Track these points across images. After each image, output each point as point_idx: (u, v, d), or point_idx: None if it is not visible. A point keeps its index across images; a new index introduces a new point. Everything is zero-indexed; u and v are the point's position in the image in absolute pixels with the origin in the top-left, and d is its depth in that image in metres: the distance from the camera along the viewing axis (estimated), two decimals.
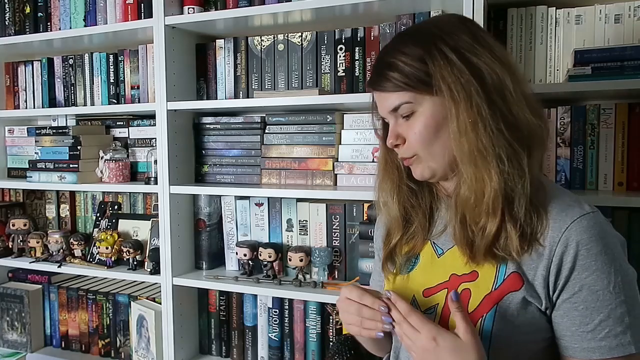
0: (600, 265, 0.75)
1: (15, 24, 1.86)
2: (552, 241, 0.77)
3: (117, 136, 1.87)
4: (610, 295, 0.75)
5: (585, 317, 0.76)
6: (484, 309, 0.79)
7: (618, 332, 0.75)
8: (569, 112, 1.30)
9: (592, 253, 0.75)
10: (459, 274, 0.84)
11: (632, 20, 1.25)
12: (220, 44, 1.64)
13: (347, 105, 1.50)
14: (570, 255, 0.76)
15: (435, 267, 0.88)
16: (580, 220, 0.76)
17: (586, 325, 0.76)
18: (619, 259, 0.77)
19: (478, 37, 0.81)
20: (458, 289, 0.83)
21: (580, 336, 0.77)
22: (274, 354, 1.62)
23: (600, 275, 0.75)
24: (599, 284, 0.75)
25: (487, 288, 0.80)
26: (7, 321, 1.97)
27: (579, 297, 0.76)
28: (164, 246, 1.62)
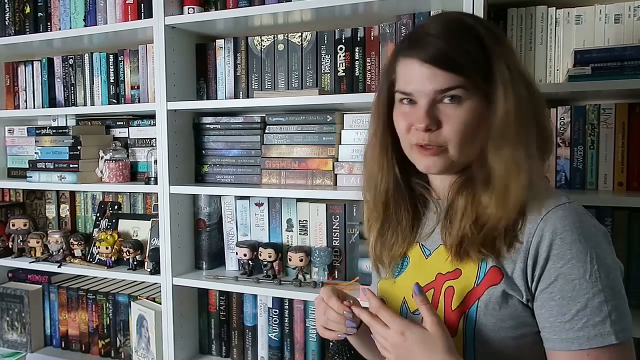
0: (576, 254, 0.74)
1: (15, 24, 1.86)
2: (528, 233, 0.78)
3: (117, 136, 1.87)
4: (586, 284, 0.74)
5: (562, 307, 0.75)
6: (467, 305, 0.81)
7: (597, 322, 0.73)
8: (569, 112, 1.30)
9: (566, 242, 0.75)
10: (444, 272, 0.85)
11: (632, 20, 1.25)
12: (220, 44, 1.64)
13: (347, 105, 1.50)
14: (545, 245, 0.76)
15: (423, 268, 0.89)
16: (555, 210, 0.77)
17: (563, 315, 0.75)
18: (596, 248, 0.76)
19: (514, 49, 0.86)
20: (442, 287, 0.84)
21: (559, 327, 0.75)
22: (274, 354, 1.62)
23: (575, 264, 0.74)
24: (575, 272, 0.74)
25: (470, 284, 0.81)
26: (7, 321, 1.97)
27: (555, 286, 0.75)
28: (164, 246, 1.62)
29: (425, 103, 0.80)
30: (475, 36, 0.80)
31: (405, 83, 0.82)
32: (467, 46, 0.79)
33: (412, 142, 0.83)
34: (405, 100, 0.83)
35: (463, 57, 0.78)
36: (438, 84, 0.78)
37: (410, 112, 0.82)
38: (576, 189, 1.30)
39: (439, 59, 0.78)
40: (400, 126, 0.85)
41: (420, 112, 0.80)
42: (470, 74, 0.78)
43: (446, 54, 0.78)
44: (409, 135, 0.83)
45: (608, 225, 1.26)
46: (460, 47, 0.78)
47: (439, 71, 0.78)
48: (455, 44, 0.79)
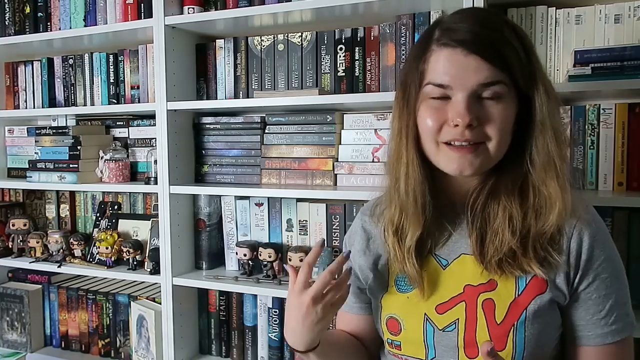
0: (607, 254, 0.79)
1: (15, 24, 1.86)
2: (567, 238, 0.79)
3: (117, 136, 1.87)
4: (615, 280, 0.79)
5: (599, 305, 0.79)
6: (513, 317, 0.78)
7: (622, 314, 0.80)
8: (569, 112, 1.30)
9: (600, 243, 0.79)
10: (475, 284, 0.81)
11: (632, 20, 1.25)
12: (220, 44, 1.64)
13: (347, 105, 1.50)
14: (585, 248, 0.78)
15: (444, 281, 0.84)
16: (585, 213, 0.80)
17: (599, 312, 0.79)
18: (613, 244, 0.82)
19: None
20: (478, 300, 0.80)
21: (595, 324, 0.79)
22: (274, 354, 1.61)
23: (607, 263, 0.79)
24: (607, 271, 0.79)
25: (511, 295, 0.79)
26: (7, 321, 1.97)
27: (592, 286, 0.79)
28: (164, 246, 1.62)
29: (465, 97, 0.74)
30: (514, 32, 0.77)
31: (443, 74, 0.75)
32: (512, 41, 0.75)
33: (442, 140, 0.77)
34: (436, 94, 0.76)
35: (510, 51, 0.74)
36: (483, 77, 0.73)
37: (443, 107, 0.76)
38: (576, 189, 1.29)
39: (487, 49, 0.73)
40: (429, 123, 0.77)
41: (460, 106, 0.74)
42: (514, 70, 0.74)
43: (494, 46, 0.73)
44: (440, 134, 0.77)
45: (608, 225, 1.25)
46: (507, 41, 0.75)
47: (484, 63, 0.73)
48: (502, 37, 0.75)
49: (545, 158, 0.77)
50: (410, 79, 0.80)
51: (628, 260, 1.25)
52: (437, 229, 0.85)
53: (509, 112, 0.76)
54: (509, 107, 0.76)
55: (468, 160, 0.76)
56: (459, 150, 0.76)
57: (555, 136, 0.77)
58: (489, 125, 0.75)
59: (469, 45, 0.73)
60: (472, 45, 0.73)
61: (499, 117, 0.75)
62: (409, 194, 0.82)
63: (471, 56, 0.73)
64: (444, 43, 0.75)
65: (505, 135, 0.76)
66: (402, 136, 0.82)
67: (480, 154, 0.76)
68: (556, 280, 0.78)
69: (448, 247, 0.85)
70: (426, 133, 0.78)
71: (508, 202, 0.78)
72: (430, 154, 0.80)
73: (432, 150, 0.79)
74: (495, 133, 0.75)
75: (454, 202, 0.86)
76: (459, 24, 0.76)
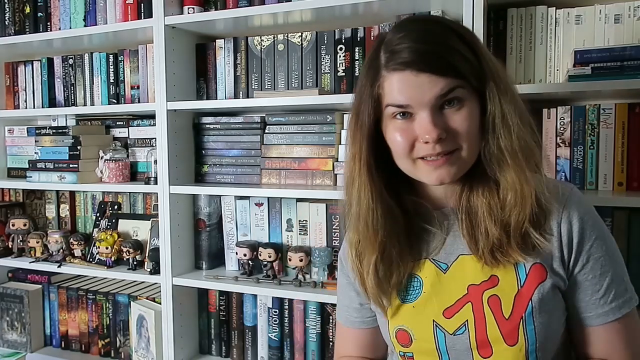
0: (598, 233, 0.81)
1: (15, 24, 1.86)
2: (556, 222, 0.80)
3: (117, 136, 1.87)
4: (609, 259, 0.81)
5: (595, 285, 0.80)
6: (520, 309, 0.79)
7: (621, 291, 0.81)
8: (568, 112, 1.30)
9: (589, 224, 0.81)
10: (477, 282, 0.81)
11: (632, 20, 1.25)
12: (220, 44, 1.64)
13: (347, 105, 1.48)
14: (575, 230, 0.80)
15: (446, 284, 0.84)
16: (571, 196, 0.82)
17: (597, 292, 0.80)
18: (603, 223, 0.84)
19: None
20: (483, 298, 0.80)
21: (595, 304, 0.81)
22: (274, 354, 1.62)
23: (599, 243, 0.81)
24: (600, 251, 0.80)
25: (513, 288, 0.80)
26: (7, 321, 1.97)
27: (587, 267, 0.80)
28: (164, 246, 1.62)
29: (428, 113, 0.75)
30: (458, 35, 0.77)
31: (399, 96, 0.76)
32: (456, 46, 0.76)
33: (417, 156, 0.78)
34: (399, 115, 0.77)
35: (458, 58, 0.75)
36: (438, 89, 0.74)
37: (409, 126, 0.77)
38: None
39: (435, 65, 0.74)
40: (399, 144, 0.78)
41: (426, 122, 0.75)
42: (465, 73, 0.75)
43: (442, 58, 0.74)
44: (413, 151, 0.78)
45: (608, 225, 1.25)
46: (453, 49, 0.75)
47: (436, 77, 0.74)
48: (445, 46, 0.76)
49: (497, 151, 0.78)
50: (364, 105, 0.81)
51: (628, 260, 1.25)
52: (429, 235, 0.86)
53: (473, 113, 0.77)
54: (472, 109, 0.77)
55: (445, 170, 0.78)
56: (435, 163, 0.77)
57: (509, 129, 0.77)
58: (458, 132, 0.76)
59: (417, 65, 0.74)
60: (420, 64, 0.74)
61: (465, 123, 0.76)
62: (360, 218, 0.84)
63: (422, 75, 0.74)
64: (392, 68, 0.76)
65: (475, 137, 0.78)
66: (356, 162, 0.83)
67: (455, 161, 0.78)
68: (553, 265, 0.80)
69: (445, 250, 0.85)
70: (399, 153, 0.80)
71: (485, 192, 0.81)
72: (409, 171, 0.81)
73: (409, 167, 0.80)
74: (465, 139, 0.77)
75: (443, 206, 0.87)
76: (402, 44, 0.76)
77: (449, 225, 0.86)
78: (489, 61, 0.79)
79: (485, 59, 0.78)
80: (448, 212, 0.86)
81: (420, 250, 0.86)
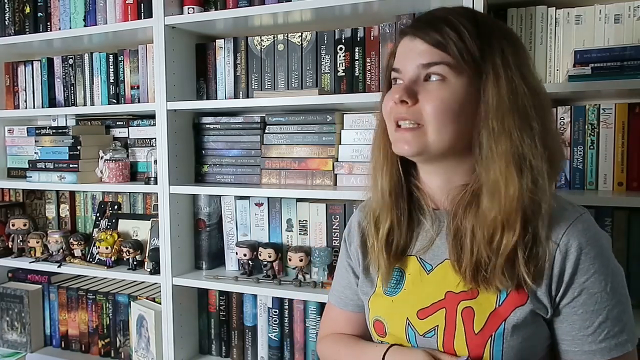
0: (598, 268, 0.75)
1: (15, 24, 1.86)
2: (551, 248, 0.75)
3: (117, 136, 1.87)
4: (607, 296, 0.75)
5: (585, 321, 0.75)
6: (491, 327, 0.77)
7: (616, 332, 0.75)
8: (568, 112, 1.30)
9: (590, 256, 0.75)
10: (456, 291, 0.80)
11: (632, 20, 1.25)
12: (220, 44, 1.64)
13: (347, 105, 1.50)
14: (571, 261, 0.75)
15: (427, 285, 0.83)
16: (576, 224, 0.76)
17: (586, 329, 0.76)
18: (612, 259, 0.77)
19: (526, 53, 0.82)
20: (458, 307, 0.79)
21: (581, 340, 0.76)
22: (274, 354, 1.62)
23: (598, 278, 0.75)
24: (597, 286, 0.75)
25: (491, 305, 0.77)
26: (7, 321, 1.97)
27: (578, 301, 0.76)
28: (164, 246, 1.62)
29: (407, 78, 0.78)
30: (474, 20, 0.77)
31: (398, 61, 0.81)
32: (461, 27, 0.76)
33: (392, 122, 0.80)
34: (394, 80, 0.82)
35: (453, 35, 0.75)
36: (424, 57, 0.77)
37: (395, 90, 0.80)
38: (576, 189, 1.30)
39: (427, 33, 0.77)
40: (385, 105, 0.81)
41: (400, 86, 0.79)
42: (457, 53, 0.75)
43: (436, 29, 0.76)
44: (390, 115, 0.80)
45: (608, 225, 1.26)
46: (453, 26, 0.76)
47: (425, 45, 0.77)
48: (450, 23, 0.77)
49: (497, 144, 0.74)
50: (387, 74, 0.86)
51: (628, 260, 1.25)
52: (420, 232, 0.86)
53: (453, 94, 0.75)
54: (454, 90, 0.75)
55: (405, 140, 0.78)
56: (401, 131, 0.79)
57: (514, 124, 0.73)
58: (426, 104, 0.76)
59: (413, 31, 0.79)
60: (416, 31, 0.78)
61: (436, 97, 0.76)
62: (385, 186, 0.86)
63: (415, 40, 0.78)
64: (402, 32, 0.82)
65: (444, 117, 0.75)
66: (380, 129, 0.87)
67: (417, 135, 0.77)
68: (537, 292, 0.76)
69: (433, 251, 0.84)
70: (385, 114, 0.83)
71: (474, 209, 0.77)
72: (391, 137, 0.83)
73: (391, 134, 0.82)
74: (431, 112, 0.76)
75: (436, 206, 0.86)
76: (420, 17, 0.83)
77: (440, 227, 0.84)
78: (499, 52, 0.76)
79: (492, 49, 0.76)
80: (441, 215, 0.85)
81: (412, 244, 0.87)
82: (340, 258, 1.02)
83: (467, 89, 0.76)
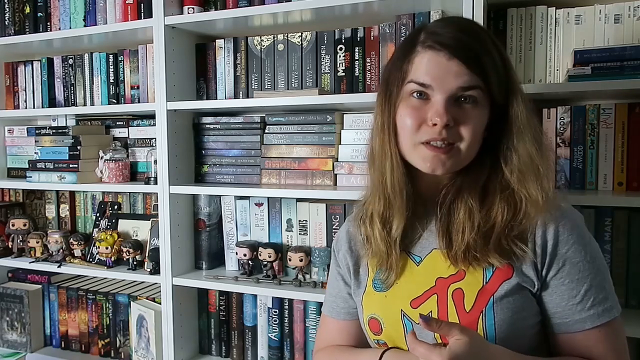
0: (576, 238, 0.80)
1: (15, 24, 1.86)
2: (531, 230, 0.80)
3: (117, 136, 1.87)
4: (588, 265, 0.80)
5: (572, 290, 0.80)
6: (481, 303, 0.80)
7: (601, 299, 0.80)
8: (568, 112, 1.30)
9: (567, 228, 0.80)
10: (445, 276, 0.84)
11: (632, 20, 1.25)
12: (220, 44, 1.64)
13: (347, 105, 1.50)
14: (551, 234, 0.79)
15: (417, 276, 0.87)
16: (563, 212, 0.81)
17: (574, 297, 0.80)
18: (586, 231, 0.83)
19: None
20: (448, 290, 0.82)
21: (571, 309, 0.80)
22: (274, 354, 1.62)
23: (577, 248, 0.80)
24: (578, 255, 0.79)
25: (479, 282, 0.81)
26: (7, 321, 1.97)
27: (563, 271, 0.80)
28: (164, 246, 1.62)
29: (444, 98, 0.78)
30: (493, 43, 0.81)
31: (425, 74, 0.79)
32: (491, 51, 0.80)
33: (419, 140, 0.80)
34: (417, 93, 0.80)
35: (489, 60, 0.79)
36: (462, 81, 0.78)
37: (422, 107, 0.80)
38: (576, 189, 1.30)
39: (468, 56, 0.78)
40: (408, 122, 0.81)
41: (440, 106, 0.78)
42: (490, 78, 0.79)
43: (475, 53, 0.78)
44: (418, 133, 0.80)
45: (608, 225, 1.26)
46: (487, 50, 0.79)
47: (465, 68, 0.77)
48: (483, 46, 0.80)
49: (527, 160, 0.80)
50: (394, 76, 0.84)
51: (628, 260, 1.25)
52: (410, 227, 0.89)
53: (482, 117, 0.81)
54: (483, 113, 0.81)
55: (441, 160, 0.80)
56: (434, 150, 0.80)
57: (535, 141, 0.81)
58: (464, 127, 0.79)
59: (452, 50, 0.78)
60: (455, 50, 0.78)
61: (473, 120, 0.79)
62: (395, 187, 0.85)
63: (453, 60, 0.78)
64: (429, 45, 0.80)
65: (476, 138, 0.81)
66: (386, 132, 0.85)
67: (452, 155, 0.80)
68: (522, 267, 0.80)
69: (421, 244, 0.88)
70: (405, 131, 0.82)
71: (469, 198, 0.82)
72: (406, 151, 0.83)
73: (409, 147, 0.82)
74: (468, 135, 0.79)
75: (424, 201, 0.89)
76: (445, 30, 0.81)
77: (428, 220, 0.88)
78: (516, 76, 0.83)
79: (513, 71, 0.82)
80: (430, 208, 0.88)
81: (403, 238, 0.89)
82: (331, 268, 1.04)
83: (487, 110, 0.82)
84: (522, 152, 0.81)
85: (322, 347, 1.04)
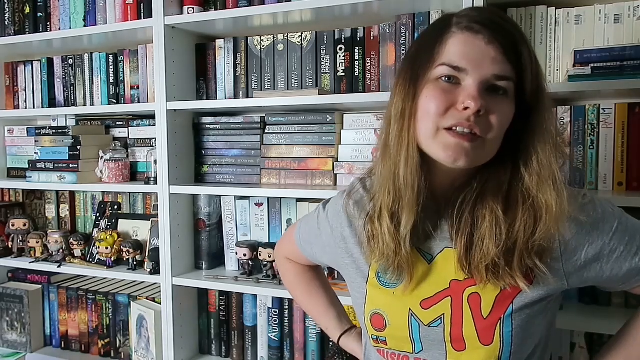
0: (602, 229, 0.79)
1: (15, 24, 1.86)
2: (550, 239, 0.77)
3: (117, 136, 1.87)
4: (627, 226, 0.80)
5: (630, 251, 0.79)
6: (500, 310, 0.77)
7: None
8: (568, 112, 1.30)
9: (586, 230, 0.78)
10: (461, 279, 0.79)
11: (632, 20, 1.25)
12: (220, 44, 1.64)
13: (347, 105, 1.50)
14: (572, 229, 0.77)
15: (429, 275, 0.82)
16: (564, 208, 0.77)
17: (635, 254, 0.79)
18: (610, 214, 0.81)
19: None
20: (464, 294, 0.79)
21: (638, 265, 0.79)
22: (274, 354, 1.62)
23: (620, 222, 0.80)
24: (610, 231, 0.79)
25: (497, 288, 0.78)
26: (7, 321, 1.97)
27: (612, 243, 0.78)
28: (164, 246, 1.62)
29: (479, 83, 0.72)
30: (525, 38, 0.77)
31: (461, 57, 0.73)
32: (528, 44, 0.75)
33: (444, 125, 0.73)
34: (446, 78, 0.73)
35: (526, 52, 0.74)
36: (499, 69, 0.72)
37: (452, 90, 0.73)
38: None
39: (508, 42, 0.72)
40: (435, 104, 0.73)
41: (474, 90, 0.71)
42: (525, 72, 0.74)
43: (514, 43, 0.73)
44: (444, 117, 0.73)
45: None
46: (524, 41, 0.74)
47: (502, 56, 0.72)
48: (520, 36, 0.75)
49: (547, 164, 0.75)
50: (421, 60, 0.77)
51: None
52: (420, 223, 0.82)
53: (510, 112, 0.75)
54: (511, 107, 0.75)
55: (465, 149, 0.72)
56: (458, 137, 0.72)
57: (554, 142, 0.77)
58: (492, 117, 0.73)
59: (491, 33, 0.72)
60: (495, 33, 0.72)
61: (502, 112, 0.74)
62: (407, 178, 0.77)
63: (492, 45, 0.72)
64: (466, 27, 0.74)
65: (502, 132, 0.75)
66: (406, 118, 0.77)
67: (477, 146, 0.73)
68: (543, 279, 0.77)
69: (431, 241, 0.83)
70: (428, 115, 0.74)
71: (495, 206, 0.76)
72: (426, 139, 0.75)
73: (429, 134, 0.74)
74: (496, 126, 0.73)
75: (436, 198, 0.83)
76: (482, 15, 0.75)
77: (439, 217, 0.83)
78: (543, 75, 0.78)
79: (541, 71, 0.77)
80: (442, 202, 0.83)
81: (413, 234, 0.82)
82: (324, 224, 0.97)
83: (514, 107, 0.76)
84: (542, 156, 0.75)
85: (285, 255, 1.15)
